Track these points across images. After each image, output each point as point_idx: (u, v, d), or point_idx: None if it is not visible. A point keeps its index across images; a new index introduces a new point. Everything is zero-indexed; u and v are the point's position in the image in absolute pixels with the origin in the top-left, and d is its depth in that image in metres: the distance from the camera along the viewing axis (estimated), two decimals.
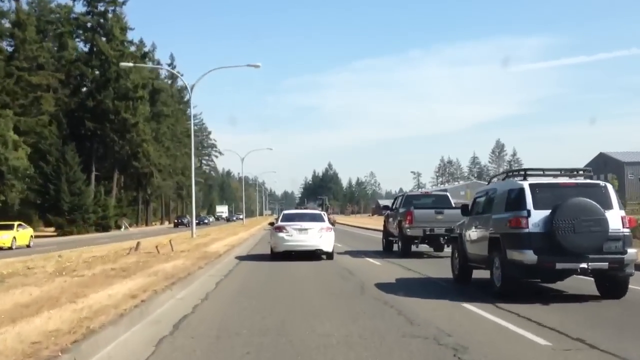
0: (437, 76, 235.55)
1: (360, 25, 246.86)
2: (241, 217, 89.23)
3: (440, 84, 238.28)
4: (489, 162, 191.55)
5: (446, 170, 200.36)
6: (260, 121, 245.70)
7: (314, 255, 17.26)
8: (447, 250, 15.59)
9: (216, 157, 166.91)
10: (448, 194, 22.16)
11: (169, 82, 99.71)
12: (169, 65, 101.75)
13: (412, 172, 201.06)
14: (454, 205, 19.61)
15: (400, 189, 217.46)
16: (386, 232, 21.10)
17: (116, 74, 56.21)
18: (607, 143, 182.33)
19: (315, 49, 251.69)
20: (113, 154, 60.42)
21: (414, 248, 18.93)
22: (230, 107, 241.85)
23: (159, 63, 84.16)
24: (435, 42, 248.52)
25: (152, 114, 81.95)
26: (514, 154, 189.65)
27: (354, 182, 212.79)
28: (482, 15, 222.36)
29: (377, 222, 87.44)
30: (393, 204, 21.39)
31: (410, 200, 19.70)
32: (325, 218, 19.70)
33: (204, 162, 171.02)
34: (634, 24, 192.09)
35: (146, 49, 79.14)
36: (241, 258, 19.27)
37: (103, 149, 60.18)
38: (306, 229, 17.11)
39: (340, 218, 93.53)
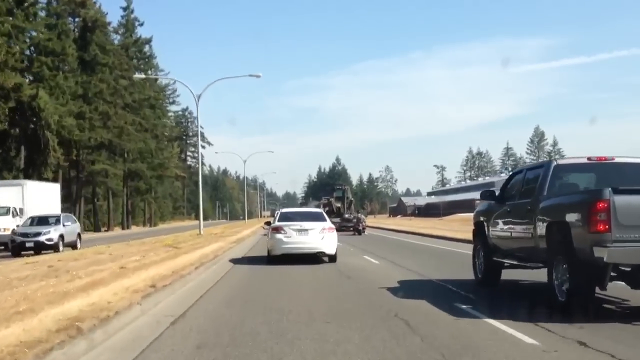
0: (438, 77, 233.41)
1: (360, 27, 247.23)
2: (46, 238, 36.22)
3: (441, 85, 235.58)
4: (527, 152, 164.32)
5: (475, 163, 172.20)
6: (261, 123, 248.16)
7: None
8: None
9: (204, 147, 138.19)
10: None
11: (122, 31, 71.95)
12: (124, 9, 74.03)
13: (435, 165, 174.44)
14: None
15: (407, 189, 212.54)
16: (487, 247, 10.48)
17: None
18: (608, 143, 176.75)
19: (316, 51, 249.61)
20: None
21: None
22: (230, 109, 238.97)
23: None
24: (435, 43, 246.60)
25: (80, 60, 54.20)
26: (555, 144, 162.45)
27: (365, 178, 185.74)
28: (482, 16, 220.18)
29: (413, 224, 61.27)
30: (505, 188, 10.34)
31: (562, 176, 9.05)
32: (327, 217, 17.17)
33: (189, 154, 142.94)
34: (634, 24, 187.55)
35: None
36: None
37: None
38: (306, 230, 15.45)
39: None
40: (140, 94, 70.64)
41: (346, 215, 45.55)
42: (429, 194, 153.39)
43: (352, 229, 42.32)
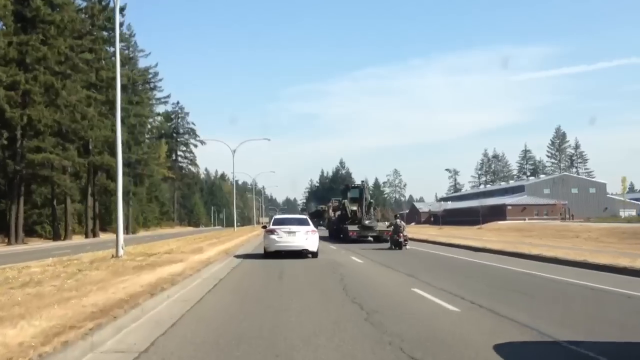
0: (437, 84, 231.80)
1: (360, 34, 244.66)
2: None
3: (441, 92, 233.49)
4: (547, 155, 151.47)
5: (491, 167, 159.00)
6: (261, 129, 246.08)
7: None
8: None
9: (195, 146, 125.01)
10: None
11: None
12: None
13: (447, 169, 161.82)
14: None
15: (410, 196, 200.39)
16: None
17: None
18: (608, 150, 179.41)
19: (316, 58, 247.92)
20: None
21: None
22: (230, 114, 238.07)
23: None
24: (435, 51, 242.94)
25: (20, 17, 41.31)
26: (577, 147, 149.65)
27: (370, 183, 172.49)
28: (481, 24, 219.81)
29: (457, 233, 45.72)
30: None
31: None
32: (310, 222, 20.26)
33: (179, 153, 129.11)
34: (633, 33, 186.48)
35: None
36: None
37: None
38: (294, 232, 18.75)
39: None
40: (109, 72, 57.62)
41: (366, 222, 32.28)
42: (443, 199, 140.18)
43: (371, 238, 31.81)
